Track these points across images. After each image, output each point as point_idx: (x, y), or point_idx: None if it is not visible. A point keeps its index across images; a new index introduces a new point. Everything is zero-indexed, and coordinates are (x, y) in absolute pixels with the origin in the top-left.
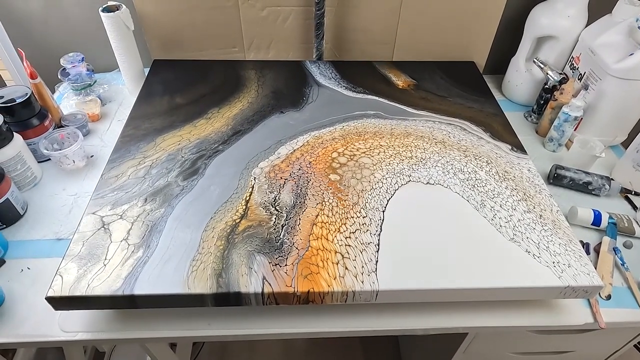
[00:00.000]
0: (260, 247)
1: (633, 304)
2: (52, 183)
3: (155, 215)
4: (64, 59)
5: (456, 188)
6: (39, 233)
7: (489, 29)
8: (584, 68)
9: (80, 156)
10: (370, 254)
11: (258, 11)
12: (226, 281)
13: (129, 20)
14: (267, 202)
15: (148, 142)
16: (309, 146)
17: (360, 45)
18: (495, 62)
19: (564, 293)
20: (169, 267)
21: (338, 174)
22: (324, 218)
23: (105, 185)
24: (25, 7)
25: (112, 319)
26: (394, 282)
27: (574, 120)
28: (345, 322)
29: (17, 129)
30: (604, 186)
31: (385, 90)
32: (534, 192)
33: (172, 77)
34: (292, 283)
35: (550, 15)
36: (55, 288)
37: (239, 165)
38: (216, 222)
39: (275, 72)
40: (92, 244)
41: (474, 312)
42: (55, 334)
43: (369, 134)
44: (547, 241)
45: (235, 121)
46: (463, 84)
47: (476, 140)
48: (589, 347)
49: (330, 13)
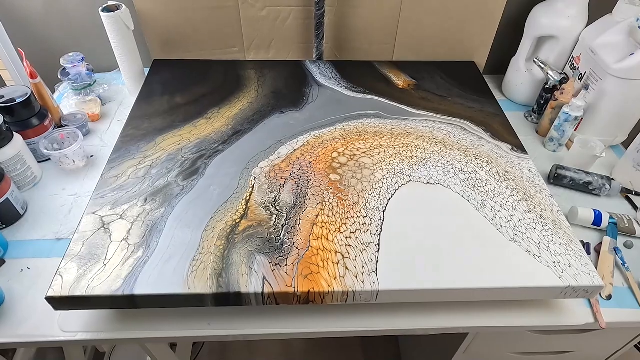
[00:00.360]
0: (260, 247)
1: (634, 304)
2: (52, 183)
3: (156, 215)
4: (64, 59)
5: (457, 188)
6: (38, 233)
7: (489, 29)
8: (585, 68)
9: (80, 156)
10: (370, 254)
11: (258, 11)
12: (226, 281)
13: (129, 20)
14: (268, 202)
15: (148, 142)
16: (309, 146)
17: (361, 45)
18: (496, 62)
19: (564, 293)
20: (169, 267)
21: (338, 174)
22: (324, 218)
23: (105, 185)
24: (25, 6)
25: (112, 319)
26: (394, 282)
27: (575, 120)
28: (346, 322)
29: (17, 128)
30: (604, 186)
31: (385, 90)
32: (535, 192)
33: (172, 77)
34: (292, 283)
35: (550, 15)
36: (55, 288)
37: (239, 165)
38: (216, 222)
39: (275, 72)
40: (92, 244)
41: (474, 312)
42: (55, 334)
43: (369, 134)
44: (547, 241)
45: (236, 121)
46: (463, 84)
47: (476, 140)
48: (590, 348)
49: (330, 13)
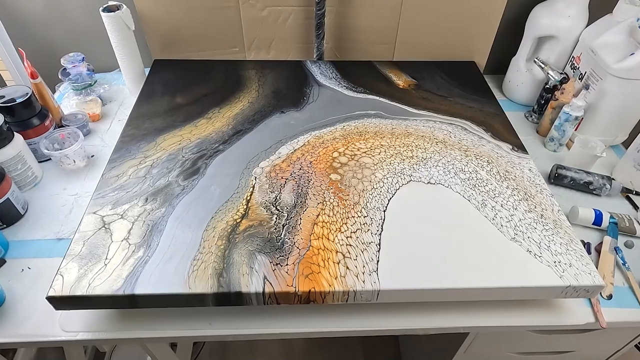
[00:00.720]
0: (261, 247)
1: (634, 303)
2: (53, 183)
3: (156, 215)
4: (65, 59)
5: (457, 188)
6: (39, 233)
7: (489, 29)
8: (585, 68)
9: (80, 156)
10: (371, 253)
11: (258, 11)
12: (227, 281)
13: (130, 20)
14: (268, 201)
15: (149, 142)
16: (310, 146)
17: (361, 45)
18: (496, 62)
19: (565, 293)
20: (169, 266)
21: (339, 174)
22: (325, 218)
23: (105, 185)
24: (26, 7)
25: (113, 319)
26: (395, 282)
27: (575, 120)
28: (346, 321)
29: (18, 128)
30: (604, 186)
31: (385, 90)
32: (535, 191)
33: (172, 77)
34: (293, 283)
35: (550, 15)
36: (56, 288)
37: (240, 165)
38: (217, 222)
39: (275, 72)
40: (92, 244)
41: (475, 312)
42: (56, 334)
43: (369, 134)
44: (548, 241)
45: (236, 121)
46: (464, 83)
47: (477, 140)
48: (590, 347)
49: (330, 13)
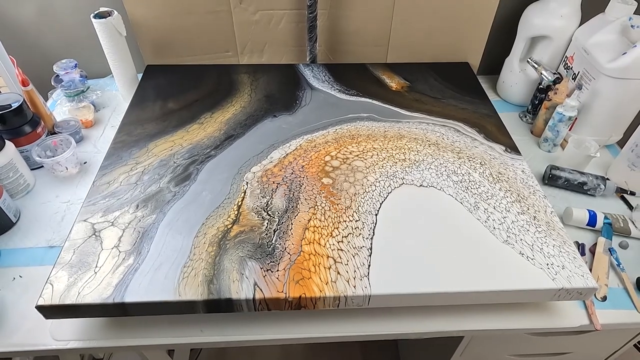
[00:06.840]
0: (252, 253)
1: (629, 305)
2: (45, 190)
3: (147, 222)
4: (57, 66)
5: (450, 190)
6: (31, 241)
7: (482, 30)
8: (578, 67)
9: (73, 163)
10: (362, 258)
11: (250, 15)
12: (217, 287)
13: (121, 26)
14: (259, 207)
15: (140, 148)
16: (302, 150)
17: (354, 47)
18: (490, 63)
19: (558, 295)
20: (160, 274)
21: (331, 178)
22: (317, 222)
23: (96, 192)
24: (17, 14)
25: (105, 327)
26: (386, 287)
27: (569, 120)
28: (339, 326)
29: (9, 136)
30: (599, 186)
31: (378, 92)
32: (528, 193)
33: (165, 82)
34: (283, 289)
35: (543, 14)
36: (46, 297)
37: (232, 170)
38: (208, 228)
39: (268, 75)
40: (83, 252)
41: (468, 316)
42: (48, 343)
43: (362, 137)
44: (541, 243)
45: (228, 126)
46: (457, 85)
47: (470, 142)
48: (587, 349)
49: (323, 16)
